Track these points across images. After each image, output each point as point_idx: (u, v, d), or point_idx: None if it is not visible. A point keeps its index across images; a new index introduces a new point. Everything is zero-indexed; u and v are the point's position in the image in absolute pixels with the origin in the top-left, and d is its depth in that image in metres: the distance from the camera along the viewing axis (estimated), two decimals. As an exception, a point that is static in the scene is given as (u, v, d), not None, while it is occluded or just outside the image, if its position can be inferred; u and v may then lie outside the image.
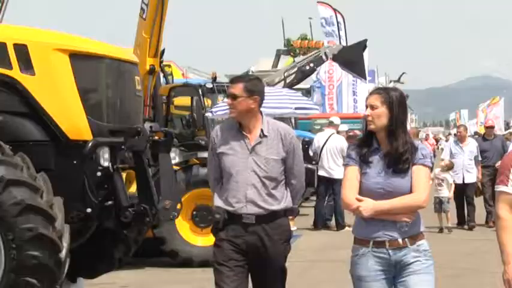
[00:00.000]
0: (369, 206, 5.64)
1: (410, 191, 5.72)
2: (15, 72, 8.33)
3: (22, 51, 8.37)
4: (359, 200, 5.69)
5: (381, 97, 5.77)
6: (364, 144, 5.86)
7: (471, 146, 19.26)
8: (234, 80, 6.81)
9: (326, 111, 37.25)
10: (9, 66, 8.33)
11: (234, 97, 6.55)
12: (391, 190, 5.70)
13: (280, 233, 6.57)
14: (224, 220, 6.53)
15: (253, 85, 6.62)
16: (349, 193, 5.77)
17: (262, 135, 6.50)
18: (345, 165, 5.92)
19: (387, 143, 5.78)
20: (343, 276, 12.46)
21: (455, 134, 32.21)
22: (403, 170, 5.73)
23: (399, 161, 5.73)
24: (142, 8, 13.87)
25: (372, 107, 5.75)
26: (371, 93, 5.93)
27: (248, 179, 6.49)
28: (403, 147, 5.72)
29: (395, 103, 5.75)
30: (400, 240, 5.70)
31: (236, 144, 6.57)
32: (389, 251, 5.71)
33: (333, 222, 19.05)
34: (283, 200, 6.56)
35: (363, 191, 5.76)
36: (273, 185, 6.50)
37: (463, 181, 18.73)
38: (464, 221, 18.92)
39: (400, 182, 5.72)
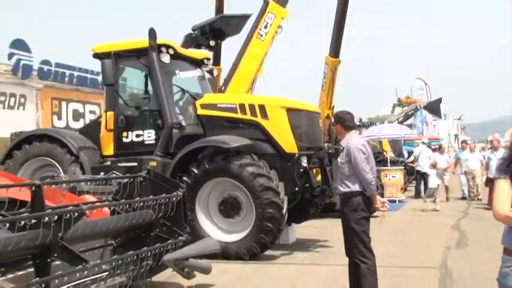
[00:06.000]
0: None
1: None
2: (259, 119, 8.43)
3: (262, 108, 8.46)
4: None
5: None
6: None
7: None
8: None
9: (425, 135, 37.01)
10: (255, 115, 8.45)
11: None
12: None
13: (347, 205, 5.56)
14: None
15: (335, 117, 5.88)
16: (504, 206, 3.00)
17: (342, 148, 5.73)
18: (496, 178, 3.14)
19: None
20: (429, 224, 12.05)
21: None
22: None
23: None
24: (322, 84, 13.74)
25: None
26: None
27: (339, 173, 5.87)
28: None
29: None
30: None
31: None
32: None
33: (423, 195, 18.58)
34: (352, 186, 5.51)
35: None
36: (345, 177, 5.58)
37: None
38: None
39: None
